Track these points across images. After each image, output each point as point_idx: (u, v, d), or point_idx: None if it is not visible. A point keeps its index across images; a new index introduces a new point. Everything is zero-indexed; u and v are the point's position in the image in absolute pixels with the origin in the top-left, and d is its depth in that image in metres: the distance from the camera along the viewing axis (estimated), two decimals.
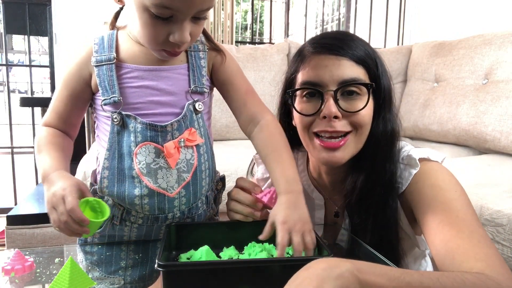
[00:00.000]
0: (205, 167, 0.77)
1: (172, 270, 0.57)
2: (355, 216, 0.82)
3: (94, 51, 0.74)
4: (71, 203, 0.61)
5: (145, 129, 0.71)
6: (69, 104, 0.77)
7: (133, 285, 0.68)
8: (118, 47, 0.75)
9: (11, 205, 2.45)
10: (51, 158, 0.72)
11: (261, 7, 8.52)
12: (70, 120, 0.79)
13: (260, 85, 2.15)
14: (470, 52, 1.87)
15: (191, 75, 0.76)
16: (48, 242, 1.48)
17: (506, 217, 1.05)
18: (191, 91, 0.75)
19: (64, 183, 0.65)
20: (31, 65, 2.73)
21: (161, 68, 0.74)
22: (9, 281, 0.64)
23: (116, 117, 0.71)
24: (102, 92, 0.72)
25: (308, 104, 0.81)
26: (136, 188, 0.72)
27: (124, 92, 0.72)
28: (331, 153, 0.79)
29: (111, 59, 0.73)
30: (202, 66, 0.77)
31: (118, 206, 0.75)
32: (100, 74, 0.73)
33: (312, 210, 0.94)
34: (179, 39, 0.64)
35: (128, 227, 0.77)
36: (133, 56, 0.74)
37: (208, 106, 0.82)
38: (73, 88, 0.76)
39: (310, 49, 0.82)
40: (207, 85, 0.78)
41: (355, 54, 0.77)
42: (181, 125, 0.73)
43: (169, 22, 0.63)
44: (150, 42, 0.67)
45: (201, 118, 0.77)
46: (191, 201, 0.77)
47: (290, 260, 0.63)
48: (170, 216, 0.75)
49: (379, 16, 3.00)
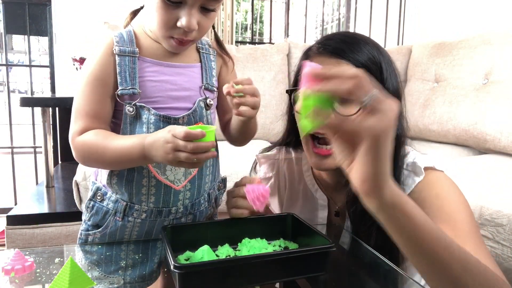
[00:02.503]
0: (210, 163, 0.81)
1: (190, 271, 0.57)
2: (359, 221, 0.82)
3: (115, 41, 0.75)
4: (182, 130, 0.61)
5: (158, 120, 0.74)
6: (104, 100, 0.74)
7: (133, 285, 0.68)
8: (138, 42, 0.77)
9: (11, 205, 2.45)
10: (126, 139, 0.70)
11: (261, 7, 8.52)
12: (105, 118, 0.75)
13: (260, 85, 2.15)
14: (470, 52, 1.87)
15: (203, 73, 0.81)
16: (48, 242, 1.48)
17: (506, 217, 1.05)
18: (203, 87, 0.80)
19: (164, 131, 0.65)
20: (31, 65, 2.73)
21: (179, 65, 0.78)
22: (9, 281, 0.64)
23: (130, 108, 0.73)
24: (121, 82, 0.73)
25: None
26: (144, 178, 0.75)
27: (144, 85, 0.75)
28: (322, 159, 0.80)
29: (135, 53, 0.75)
30: (212, 67, 0.83)
31: (121, 201, 0.76)
32: (121, 63, 0.74)
33: (315, 210, 0.94)
34: (186, 24, 0.68)
35: (131, 223, 0.78)
36: (152, 52, 0.77)
37: (215, 106, 0.85)
38: (108, 80, 0.74)
39: (315, 49, 0.82)
40: (216, 85, 0.83)
41: (356, 58, 0.77)
42: (190, 119, 0.77)
43: (178, 8, 0.69)
44: (161, 27, 0.71)
45: (210, 114, 0.81)
46: (195, 196, 0.79)
47: (303, 251, 0.65)
48: (173, 210, 0.77)
49: (379, 16, 3.00)
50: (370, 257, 0.75)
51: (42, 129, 1.78)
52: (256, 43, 4.28)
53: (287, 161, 1.00)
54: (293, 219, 0.77)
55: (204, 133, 0.62)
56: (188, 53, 0.81)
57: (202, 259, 0.66)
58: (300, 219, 0.75)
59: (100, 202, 0.79)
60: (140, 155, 0.67)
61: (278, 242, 0.76)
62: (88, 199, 0.81)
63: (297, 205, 0.98)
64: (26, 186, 2.78)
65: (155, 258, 0.76)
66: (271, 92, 2.17)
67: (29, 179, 2.71)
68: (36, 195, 1.76)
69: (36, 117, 2.47)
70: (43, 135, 1.78)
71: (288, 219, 0.78)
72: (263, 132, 2.17)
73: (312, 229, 0.70)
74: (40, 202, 1.66)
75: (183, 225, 0.77)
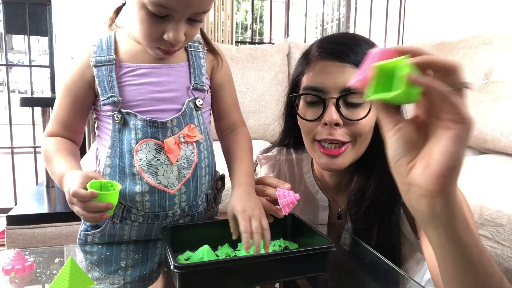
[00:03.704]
0: (205, 164, 0.79)
1: (190, 271, 0.57)
2: (360, 223, 0.82)
3: (93, 52, 0.75)
4: (72, 189, 0.61)
5: (146, 125, 0.72)
6: (73, 111, 0.77)
7: (133, 285, 0.68)
8: (117, 48, 0.76)
9: (11, 205, 2.45)
10: (63, 163, 0.72)
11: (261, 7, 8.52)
12: (74, 128, 0.79)
13: (260, 85, 2.15)
14: (470, 52, 1.87)
15: (191, 73, 0.78)
16: (48, 242, 1.48)
17: (506, 217, 1.05)
18: (191, 87, 0.77)
19: (70, 178, 0.65)
20: (31, 65, 2.73)
21: (162, 66, 0.75)
22: (9, 281, 0.64)
23: (117, 115, 0.72)
24: (101, 93, 0.73)
25: (310, 110, 0.80)
26: (137, 185, 0.73)
27: (124, 90, 0.73)
28: (331, 159, 0.79)
29: (110, 60, 0.74)
30: (202, 65, 0.80)
31: (119, 204, 0.76)
32: (99, 74, 0.73)
33: (316, 211, 0.94)
34: (173, 38, 0.66)
35: (129, 226, 0.78)
36: (133, 56, 0.75)
37: (208, 105, 0.83)
38: (77, 93, 0.76)
39: (316, 53, 0.81)
40: (207, 83, 0.81)
41: (360, 61, 0.76)
42: (180, 121, 0.75)
43: (165, 21, 0.66)
44: (145, 38, 0.69)
45: (201, 115, 0.79)
46: (191, 198, 0.78)
47: (303, 251, 0.65)
48: (170, 213, 0.75)
49: (379, 16, 3.00)
50: (371, 257, 0.75)
51: (42, 129, 1.78)
52: (256, 43, 4.28)
53: (288, 162, 1.00)
54: (293, 219, 0.77)
55: (94, 195, 0.61)
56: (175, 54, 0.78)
57: (202, 259, 0.66)
58: (300, 219, 0.75)
59: None
60: (59, 186, 0.71)
61: (278, 242, 0.76)
62: None
63: (298, 207, 0.97)
64: (26, 186, 2.78)
65: (155, 258, 0.76)
66: (271, 92, 2.17)
67: (29, 179, 2.71)
68: (36, 195, 1.75)
69: (36, 117, 2.47)
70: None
71: (288, 219, 0.78)
72: (262, 132, 2.17)
73: (312, 229, 0.70)
74: (40, 202, 1.66)
75: (183, 225, 0.77)
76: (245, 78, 2.19)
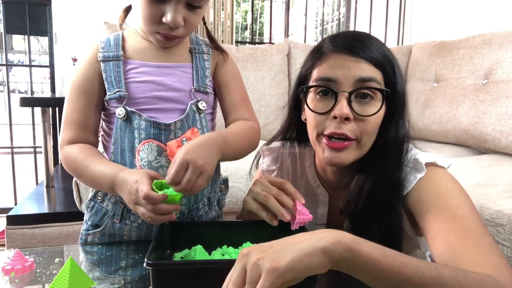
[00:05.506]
0: None
1: (160, 269, 0.57)
2: (358, 221, 0.82)
3: (101, 47, 0.76)
4: (143, 191, 0.62)
5: (149, 126, 0.73)
6: (87, 109, 0.76)
7: (133, 285, 0.68)
8: (124, 45, 0.77)
9: (11, 205, 2.45)
10: (104, 165, 0.71)
11: (261, 7, 8.52)
12: (91, 128, 0.78)
13: (260, 85, 2.15)
14: (470, 52, 1.87)
15: (194, 75, 0.78)
16: (48, 242, 1.48)
17: (506, 217, 1.05)
18: (194, 89, 0.77)
19: (133, 178, 0.65)
20: (31, 65, 2.73)
21: (167, 65, 0.77)
22: (9, 281, 0.64)
23: (121, 110, 0.73)
24: (108, 87, 0.74)
25: (321, 103, 0.79)
26: None
27: (129, 86, 0.74)
28: (336, 153, 0.78)
29: (118, 56, 0.75)
30: (206, 67, 0.81)
31: (120, 203, 0.76)
32: (106, 69, 0.74)
33: (316, 207, 0.94)
34: (171, 20, 0.68)
35: (129, 226, 0.78)
36: (140, 53, 0.76)
37: (211, 107, 0.84)
38: (90, 88, 0.75)
39: (330, 46, 0.80)
40: (210, 86, 0.81)
41: (373, 57, 0.76)
42: (184, 124, 0.75)
43: (163, 4, 0.68)
44: (146, 22, 0.71)
45: (204, 118, 0.79)
46: (192, 202, 0.77)
47: None
48: None
49: (379, 16, 3.00)
50: None
51: (42, 129, 1.78)
52: (256, 43, 4.28)
53: (291, 155, 1.00)
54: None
55: (165, 197, 0.62)
56: (179, 53, 0.79)
57: (193, 258, 0.66)
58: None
59: (100, 202, 0.79)
60: (109, 188, 0.70)
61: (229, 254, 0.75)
62: (88, 199, 0.81)
63: None
64: (26, 186, 2.78)
65: None
66: (271, 92, 2.17)
67: (29, 179, 2.71)
68: (36, 195, 1.75)
69: (36, 117, 2.47)
70: (43, 135, 1.78)
71: None
72: (262, 132, 2.16)
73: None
74: (40, 202, 1.66)
75: (184, 223, 0.77)
76: (245, 78, 2.17)
